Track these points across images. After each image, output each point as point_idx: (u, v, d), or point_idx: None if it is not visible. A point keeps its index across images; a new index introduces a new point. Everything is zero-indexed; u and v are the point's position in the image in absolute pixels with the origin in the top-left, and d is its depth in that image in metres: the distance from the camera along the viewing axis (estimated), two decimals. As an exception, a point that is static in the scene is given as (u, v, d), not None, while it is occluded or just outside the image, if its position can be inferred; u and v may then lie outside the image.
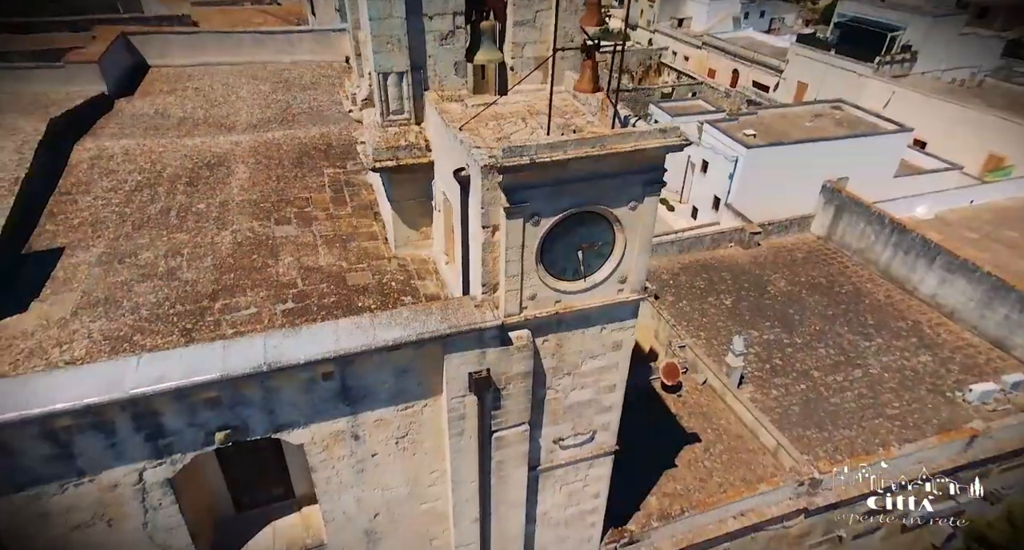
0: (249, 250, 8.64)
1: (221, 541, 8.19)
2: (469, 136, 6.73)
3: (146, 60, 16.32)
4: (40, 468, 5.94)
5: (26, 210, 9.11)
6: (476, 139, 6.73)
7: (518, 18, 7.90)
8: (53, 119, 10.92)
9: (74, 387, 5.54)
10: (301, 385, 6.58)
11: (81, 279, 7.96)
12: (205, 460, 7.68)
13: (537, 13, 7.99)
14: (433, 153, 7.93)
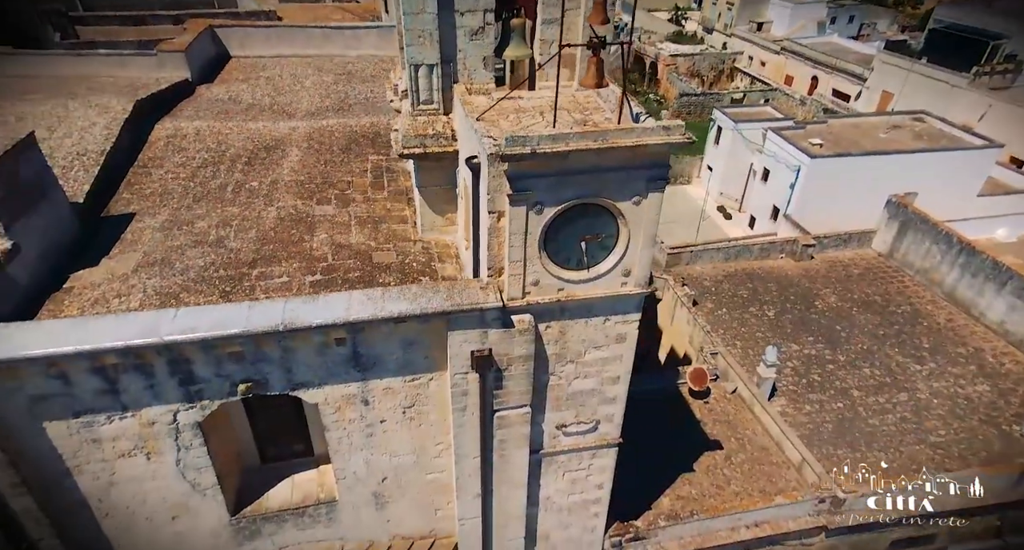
0: (289, 225, 9.44)
1: (245, 487, 9.03)
2: (486, 126, 7.15)
3: (228, 51, 17.77)
4: (91, 399, 6.86)
5: (108, 179, 10.32)
6: (493, 129, 7.12)
7: (546, 16, 8.26)
8: (139, 100, 12.21)
9: (120, 330, 6.40)
10: (315, 348, 7.23)
11: (144, 242, 8.99)
12: (234, 412, 8.53)
13: (566, 12, 8.30)
14: (458, 143, 8.41)
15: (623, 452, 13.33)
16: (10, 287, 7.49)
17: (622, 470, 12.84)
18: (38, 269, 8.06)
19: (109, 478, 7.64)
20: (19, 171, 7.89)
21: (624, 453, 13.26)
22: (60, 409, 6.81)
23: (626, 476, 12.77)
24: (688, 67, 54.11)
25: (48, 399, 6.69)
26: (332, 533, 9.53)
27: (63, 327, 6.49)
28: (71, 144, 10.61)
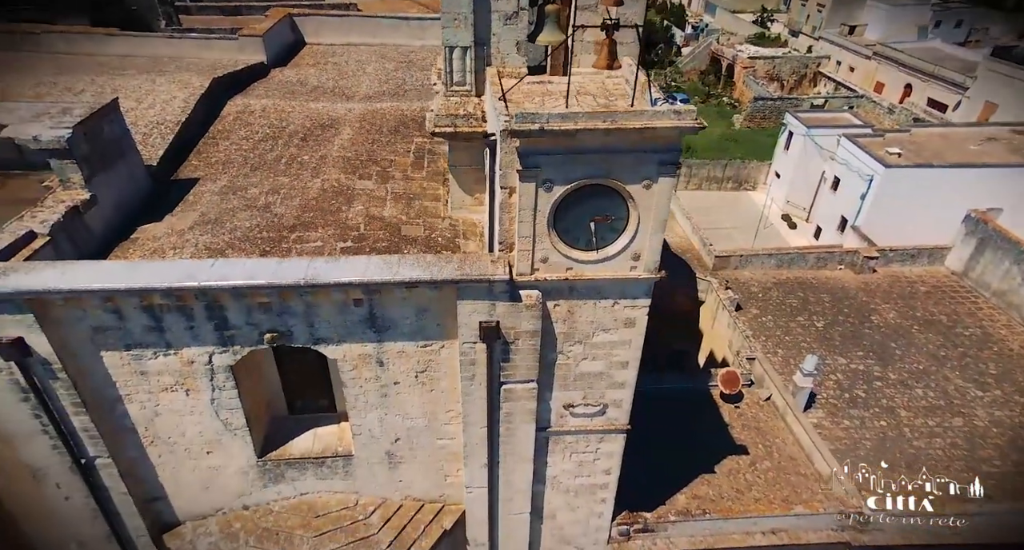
0: (330, 196, 10.15)
1: (272, 433, 9.83)
2: (508, 106, 7.48)
3: (304, 38, 18.98)
4: (141, 335, 7.76)
5: (180, 147, 11.43)
6: (513, 109, 7.45)
7: (581, 3, 8.48)
8: (216, 78, 13.37)
9: (165, 274, 7.22)
10: (336, 306, 7.83)
11: (203, 203, 9.94)
12: (265, 363, 9.31)
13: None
14: (487, 124, 8.78)
15: (642, 445, 13.37)
16: (86, 233, 8.55)
17: (639, 463, 12.91)
18: (111, 220, 9.13)
19: (154, 408, 8.57)
20: (103, 132, 8.97)
21: (643, 447, 13.30)
22: (115, 341, 7.75)
23: (642, 469, 12.84)
24: (767, 70, 52.10)
25: (105, 331, 7.63)
26: (348, 486, 10.19)
27: (119, 267, 7.40)
28: (153, 114, 11.82)
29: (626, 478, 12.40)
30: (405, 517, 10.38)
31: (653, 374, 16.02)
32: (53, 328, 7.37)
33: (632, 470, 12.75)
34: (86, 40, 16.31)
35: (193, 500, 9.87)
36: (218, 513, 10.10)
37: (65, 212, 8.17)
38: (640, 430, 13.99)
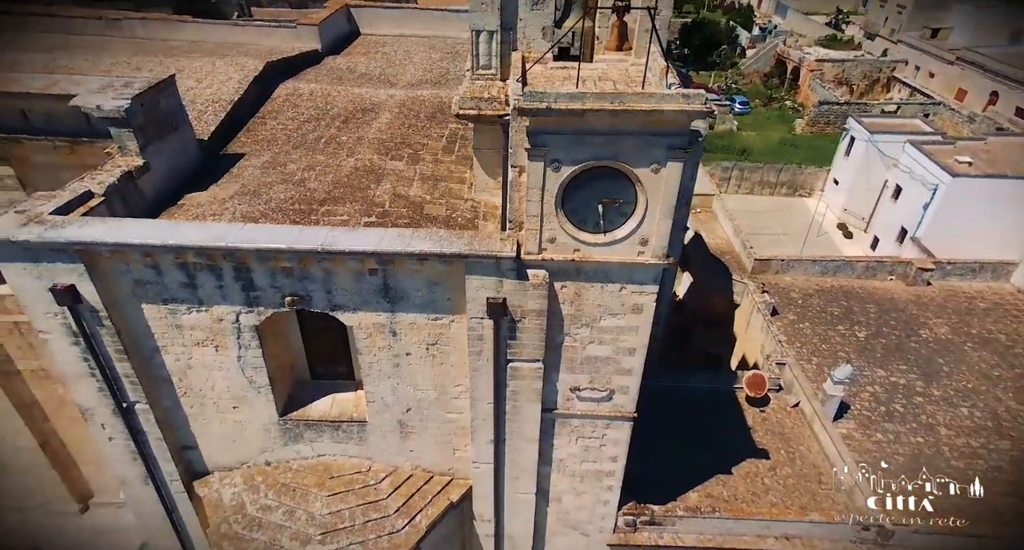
0: (361, 175, 10.64)
1: (294, 394, 10.42)
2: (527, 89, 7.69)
3: (359, 28, 19.76)
4: (176, 290, 8.43)
5: (232, 124, 12.22)
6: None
7: (607, -9, 8.57)
8: (270, 62, 14.18)
9: (197, 234, 7.84)
10: (352, 275, 8.26)
11: (245, 176, 10.63)
12: (289, 328, 9.88)
13: (625, -12, 8.56)
14: (510, 107, 9.01)
15: (658, 440, 13.34)
16: (137, 196, 9.35)
17: (654, 457, 12.90)
18: (162, 186, 9.92)
19: (187, 361, 9.28)
20: (158, 104, 9.76)
21: (660, 442, 13.28)
22: (154, 294, 8.46)
23: (657, 464, 12.82)
24: (836, 74, 49.91)
25: (146, 284, 8.34)
26: (362, 452, 10.67)
27: (158, 226, 8.08)
28: (210, 93, 12.68)
29: (638, 470, 12.42)
30: (414, 486, 10.78)
31: (678, 372, 15.90)
32: (101, 279, 8.12)
33: (645, 463, 12.78)
34: (161, 26, 17.58)
35: (221, 452, 10.60)
36: (243, 466, 10.79)
37: (120, 176, 8.97)
38: (658, 425, 13.96)
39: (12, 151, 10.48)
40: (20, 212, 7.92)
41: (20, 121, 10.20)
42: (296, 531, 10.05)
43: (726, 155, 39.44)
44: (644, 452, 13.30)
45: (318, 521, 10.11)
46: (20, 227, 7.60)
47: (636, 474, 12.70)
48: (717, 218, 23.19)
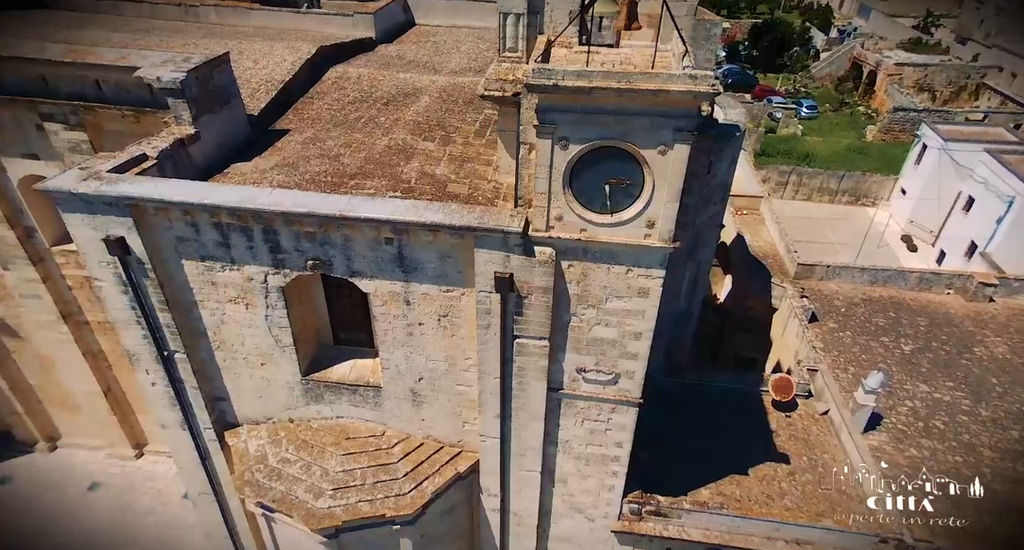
0: (392, 153, 11.13)
1: (317, 357, 11.04)
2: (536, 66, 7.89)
3: (414, 19, 20.43)
4: (212, 248, 9.15)
5: (281, 103, 13.00)
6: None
7: (635, -23, 8.65)
8: (322, 47, 14.94)
9: (230, 195, 8.50)
10: (369, 243, 8.72)
11: (286, 150, 11.33)
12: (314, 293, 10.47)
13: (652, -25, 8.63)
14: (532, 91, 9.23)
15: (674, 434, 13.27)
16: (187, 162, 10.17)
17: (668, 451, 12.85)
18: (211, 155, 10.73)
19: (221, 317, 10.03)
20: (212, 79, 10.56)
21: (676, 437, 13.21)
22: (193, 251, 9.21)
23: (670, 458, 12.77)
24: (917, 79, 47.08)
25: (186, 241, 9.10)
26: (377, 417, 11.19)
27: (196, 187, 8.81)
28: (264, 73, 13.53)
29: (649, 461, 12.43)
30: (424, 454, 11.21)
31: (704, 370, 15.69)
32: (147, 233, 8.93)
33: (658, 456, 12.75)
34: (232, 13, 18.78)
35: (249, 406, 11.36)
36: (268, 421, 11.53)
37: (172, 142, 9.79)
38: (676, 420, 13.90)
39: (87, 118, 11.58)
40: (83, 169, 8.82)
41: (95, 91, 11.27)
42: (310, 485, 10.66)
43: (786, 159, 38.05)
44: (657, 445, 13.26)
45: (331, 477, 10.68)
46: (81, 181, 8.48)
47: (646, 465, 12.70)
48: (764, 221, 22.53)
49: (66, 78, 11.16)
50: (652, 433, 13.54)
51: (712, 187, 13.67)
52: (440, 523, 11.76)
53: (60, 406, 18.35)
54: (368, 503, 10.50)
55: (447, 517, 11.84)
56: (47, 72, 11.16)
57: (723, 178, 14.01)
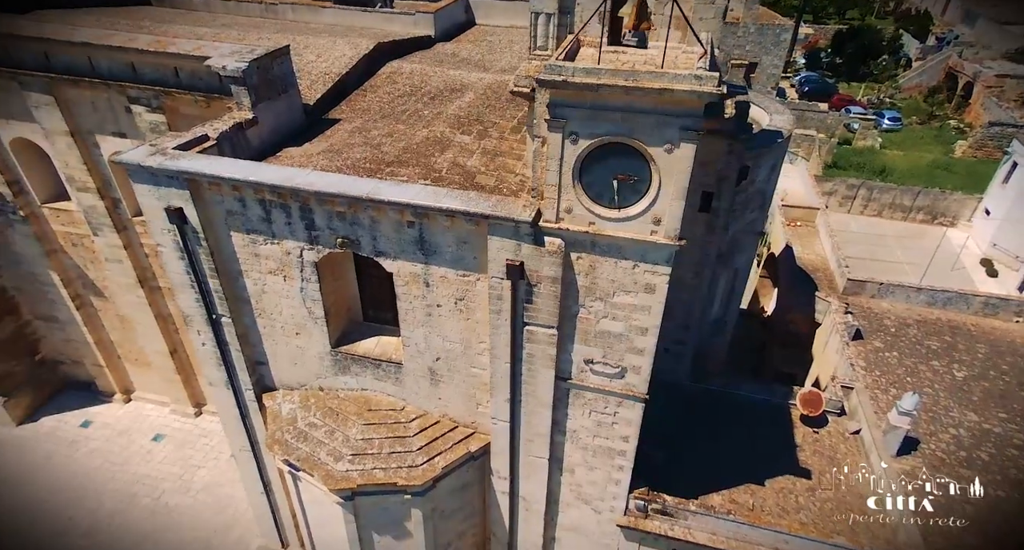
0: (430, 144, 11.76)
1: (347, 332, 11.84)
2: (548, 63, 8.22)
3: (475, 19, 21.14)
4: (256, 223, 10.07)
5: (336, 94, 13.94)
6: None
7: (665, -20, 8.86)
8: (380, 43, 15.83)
9: (272, 174, 9.35)
10: (393, 225, 9.35)
11: (334, 137, 12.19)
12: (347, 271, 11.24)
13: (680, -23, 8.78)
14: (559, 89, 9.57)
15: (693, 439, 13.25)
16: (244, 144, 11.17)
17: (684, 454, 12.86)
18: (266, 139, 11.72)
19: (262, 286, 10.98)
20: (272, 69, 11.55)
21: (694, 441, 13.18)
22: (239, 224, 10.16)
23: (685, 461, 12.77)
24: (1021, 93, 43.45)
25: (234, 215, 10.06)
26: (398, 392, 11.87)
27: (244, 165, 9.72)
28: (324, 66, 14.53)
29: (662, 462, 12.51)
30: (438, 431, 11.79)
31: (731, 378, 15.48)
32: (202, 206, 9.95)
33: (672, 457, 12.79)
34: (306, 10, 20.13)
35: (285, 372, 12.32)
36: (301, 388, 12.46)
37: (232, 125, 10.81)
38: (696, 425, 13.86)
39: (166, 102, 12.90)
40: (152, 145, 9.94)
41: (173, 78, 12.56)
42: (332, 449, 11.46)
43: (858, 173, 36.19)
44: (675, 447, 13.28)
45: (351, 444, 11.44)
46: (148, 156, 9.58)
47: (659, 465, 12.76)
48: (818, 233, 21.73)
49: (150, 65, 12.50)
50: (671, 435, 13.58)
51: (749, 194, 13.52)
52: (451, 499, 12.31)
53: (134, 362, 20.30)
54: (383, 471, 11.18)
55: (458, 494, 12.37)
56: (135, 60, 12.54)
57: (762, 185, 13.79)
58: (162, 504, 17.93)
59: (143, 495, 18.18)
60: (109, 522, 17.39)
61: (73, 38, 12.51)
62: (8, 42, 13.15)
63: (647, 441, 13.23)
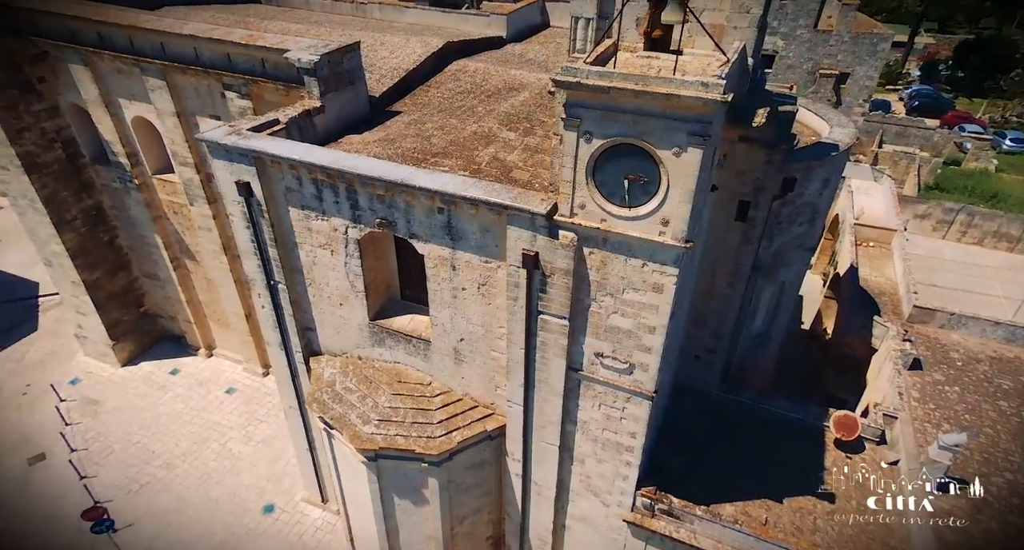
0: (476, 139, 12.48)
1: (384, 306, 12.83)
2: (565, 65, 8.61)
3: (549, 21, 21.71)
4: (310, 200, 11.21)
5: (401, 88, 15.00)
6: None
7: (702, -13, 9.06)
8: (449, 42, 16.78)
9: (323, 156, 10.41)
10: (424, 209, 10.14)
11: (391, 128, 13.21)
12: (387, 251, 12.19)
13: (711, -14, 8.96)
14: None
15: (712, 447, 13.21)
16: (311, 129, 12.41)
17: (703, 461, 12.87)
18: (331, 126, 12.91)
19: (313, 259, 12.17)
20: (341, 63, 12.72)
21: (714, 450, 13.15)
22: (296, 200, 11.36)
23: (703, 467, 12.78)
24: None
25: (292, 191, 11.26)
26: (426, 368, 12.72)
27: (300, 147, 10.85)
28: (395, 62, 15.66)
29: (679, 467, 12.60)
30: (459, 408, 12.53)
31: (763, 392, 15.15)
32: (265, 182, 11.22)
33: (692, 463, 12.82)
34: (392, 10, 21.55)
35: (329, 339, 13.52)
36: (343, 355, 13.62)
37: (300, 112, 12.06)
38: (719, 435, 13.78)
39: (253, 90, 14.48)
40: (231, 126, 11.33)
41: (260, 68, 14.08)
42: (362, 413, 12.50)
43: (964, 196, 33.32)
44: (693, 453, 13.27)
45: (379, 410, 12.42)
46: (225, 135, 10.95)
47: (675, 468, 12.82)
48: (893, 255, 20.47)
49: (242, 57, 14.09)
50: (692, 442, 13.56)
51: (797, 206, 13.23)
52: (467, 475, 13.02)
53: (217, 322, 22.65)
54: (403, 438, 12.06)
55: (475, 471, 13.06)
56: (231, 51, 14.18)
57: (812, 199, 13.41)
58: (227, 449, 19.97)
59: (212, 439, 20.33)
60: (183, 459, 19.63)
61: (183, 31, 14.33)
62: (134, 33, 15.25)
63: (664, 445, 13.37)
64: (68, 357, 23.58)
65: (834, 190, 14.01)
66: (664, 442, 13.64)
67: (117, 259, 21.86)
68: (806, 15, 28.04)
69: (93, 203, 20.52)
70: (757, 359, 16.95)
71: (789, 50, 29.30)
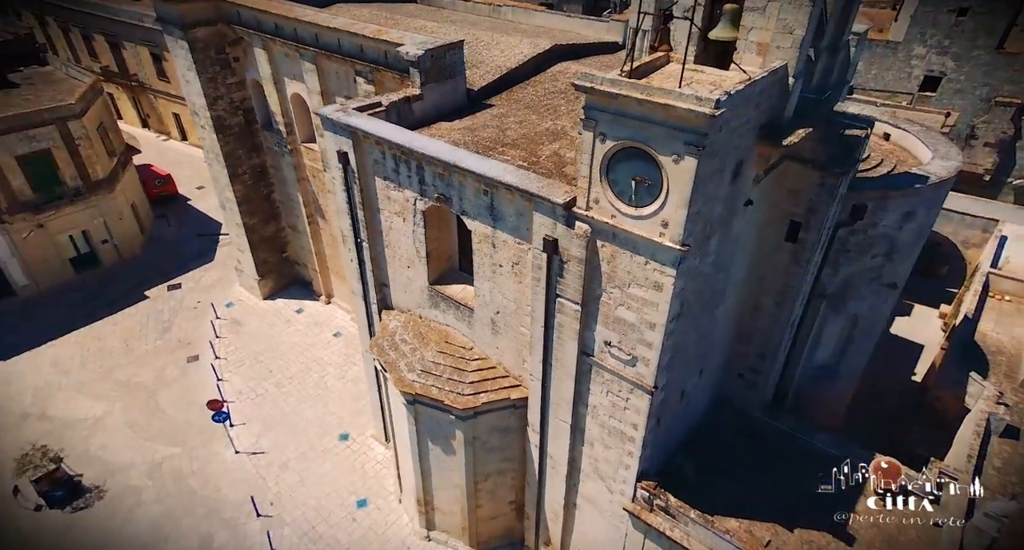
0: (545, 134, 13.57)
1: (444, 275, 14.47)
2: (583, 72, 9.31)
3: (675, 27, 21.83)
4: (390, 172, 13.13)
5: (500, 84, 16.47)
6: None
7: (751, 5, 9.39)
8: (556, 45, 17.90)
9: (402, 137, 12.21)
10: (473, 191, 11.52)
11: (477, 120, 14.73)
12: (450, 226, 13.77)
13: (768, 3, 9.22)
14: (639, 97, 10.59)
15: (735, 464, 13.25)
16: (408, 114, 14.35)
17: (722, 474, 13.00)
18: (427, 113, 14.76)
19: (390, 223, 14.15)
20: (444, 58, 14.49)
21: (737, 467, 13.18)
22: (380, 171, 13.35)
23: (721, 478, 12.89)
24: None
25: (378, 163, 13.26)
26: (470, 334, 14.19)
27: (386, 127, 12.72)
28: (502, 60, 17.17)
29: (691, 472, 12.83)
30: (490, 375, 13.85)
31: (808, 425, 14.56)
32: (359, 154, 13.34)
33: (707, 470, 12.98)
34: (523, 13, 23.12)
35: (399, 296, 15.53)
36: (408, 312, 15.57)
37: (400, 98, 14.03)
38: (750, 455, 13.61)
39: (376, 77, 16.87)
40: (340, 106, 13.61)
41: (383, 59, 16.38)
42: (409, 362, 14.32)
43: None
44: (715, 464, 13.32)
45: (423, 364, 14.15)
46: (334, 112, 13.22)
47: (689, 473, 13.03)
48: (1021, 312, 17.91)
49: (370, 48, 16.49)
50: (720, 455, 13.58)
51: (869, 237, 12.66)
52: (492, 436, 14.33)
53: (336, 274, 26.16)
54: (437, 389, 13.67)
55: (498, 434, 14.32)
56: (363, 43, 16.65)
57: (890, 232, 12.71)
58: (323, 382, 23.25)
59: (314, 371, 23.76)
60: (289, 381, 23.26)
61: (331, 24, 17.10)
62: (298, 25, 18.42)
63: (687, 449, 13.56)
64: (229, 285, 28.68)
65: (924, 226, 12.98)
66: (688, 447, 13.83)
67: (271, 210, 26.14)
68: (987, 33, 24.67)
69: (259, 162, 24.79)
70: (820, 393, 16.16)
71: (960, 72, 25.98)
